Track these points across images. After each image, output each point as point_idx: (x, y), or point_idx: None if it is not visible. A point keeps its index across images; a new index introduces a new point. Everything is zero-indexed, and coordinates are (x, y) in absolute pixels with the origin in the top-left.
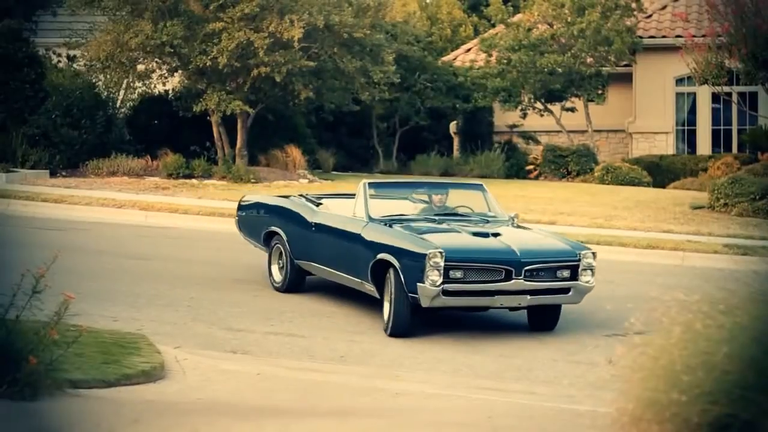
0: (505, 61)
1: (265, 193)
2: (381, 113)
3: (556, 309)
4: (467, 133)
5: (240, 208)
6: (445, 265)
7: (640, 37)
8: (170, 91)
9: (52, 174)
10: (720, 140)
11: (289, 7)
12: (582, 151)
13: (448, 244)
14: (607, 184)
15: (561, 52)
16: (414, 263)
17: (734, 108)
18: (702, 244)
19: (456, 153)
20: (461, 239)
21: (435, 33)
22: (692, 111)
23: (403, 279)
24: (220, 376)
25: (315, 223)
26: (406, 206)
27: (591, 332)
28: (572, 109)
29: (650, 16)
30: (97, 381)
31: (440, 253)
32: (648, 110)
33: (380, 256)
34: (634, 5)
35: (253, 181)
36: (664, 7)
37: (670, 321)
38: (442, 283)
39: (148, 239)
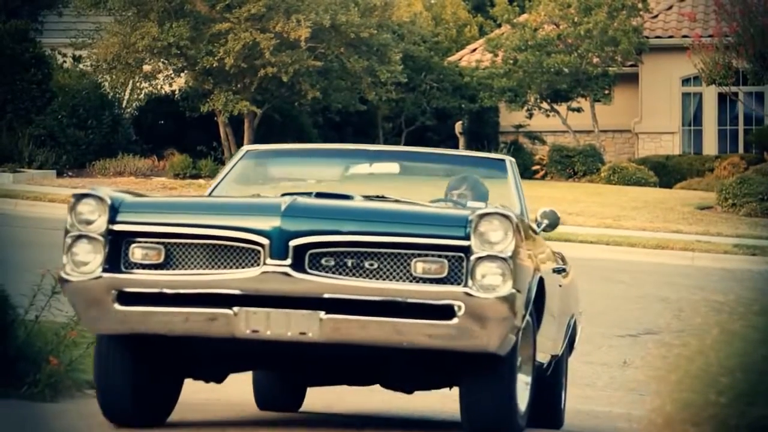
0: (511, 61)
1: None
2: (387, 114)
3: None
4: (473, 133)
5: None
6: (109, 230)
7: (647, 38)
8: (176, 92)
9: (59, 174)
10: (726, 140)
11: (295, 7)
12: (588, 151)
13: (150, 198)
14: (614, 184)
15: (567, 53)
16: None
17: (740, 108)
18: (712, 245)
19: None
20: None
21: (440, 33)
22: (698, 111)
23: None
24: (234, 376)
25: None
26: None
27: (603, 332)
28: (578, 110)
29: (656, 16)
30: None
31: (99, 200)
32: (654, 110)
33: None
34: (640, 5)
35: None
36: (670, 7)
37: (702, 321)
38: (108, 269)
39: None
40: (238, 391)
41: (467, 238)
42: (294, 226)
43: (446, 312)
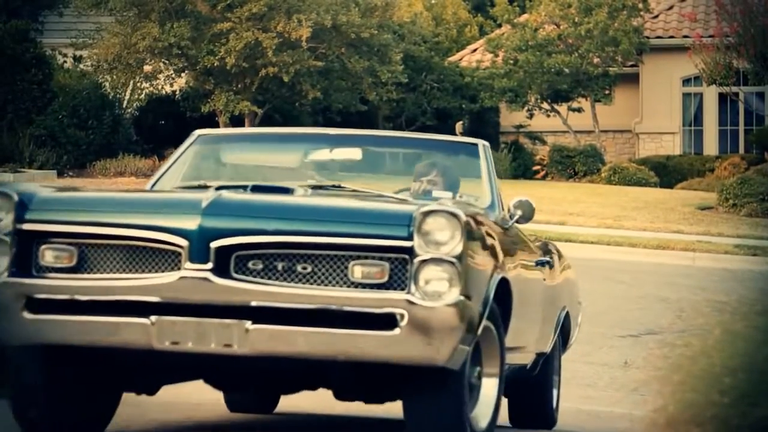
0: (511, 61)
1: None
2: (387, 114)
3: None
4: (473, 133)
5: None
6: (17, 229)
7: (647, 38)
8: (177, 92)
9: (60, 174)
10: (727, 140)
11: (296, 7)
12: (589, 151)
13: (61, 192)
14: (614, 184)
15: (568, 53)
16: None
17: (741, 108)
18: (713, 245)
19: None
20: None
21: (441, 33)
22: (699, 111)
23: None
24: None
25: None
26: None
27: (604, 333)
28: (579, 110)
29: (657, 16)
30: None
31: (5, 196)
32: (655, 111)
33: None
34: (640, 5)
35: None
36: (670, 7)
37: (704, 321)
38: (16, 274)
39: None
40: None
41: (410, 238)
42: (216, 226)
43: (387, 322)
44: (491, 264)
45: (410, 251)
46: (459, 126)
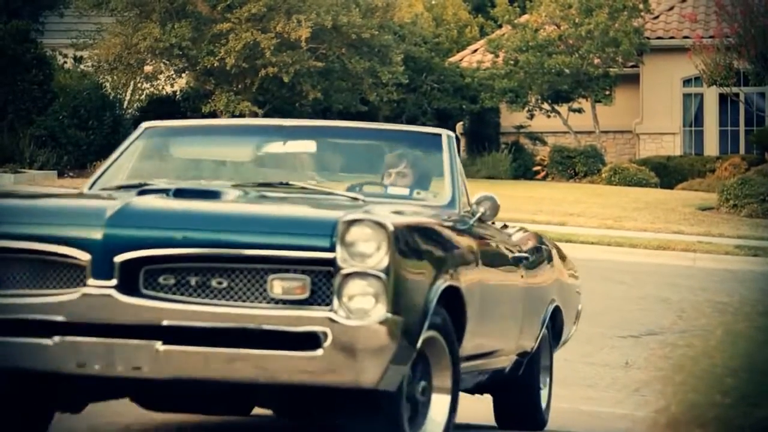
0: (512, 62)
1: None
2: (388, 114)
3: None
4: (474, 134)
5: None
6: None
7: (648, 38)
8: (178, 92)
9: (60, 175)
10: (727, 141)
11: (296, 8)
12: (589, 152)
13: None
14: (615, 185)
15: (568, 53)
16: None
17: (741, 108)
18: (713, 245)
19: (463, 154)
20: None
21: (441, 34)
22: (699, 112)
23: None
24: None
25: None
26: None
27: (604, 333)
28: (579, 110)
29: (657, 17)
30: None
31: None
32: (655, 111)
33: None
34: (641, 6)
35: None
36: (671, 8)
37: (706, 322)
38: None
39: None
40: None
41: (332, 249)
42: (121, 238)
43: (310, 341)
44: (432, 272)
45: (333, 264)
46: (459, 126)
